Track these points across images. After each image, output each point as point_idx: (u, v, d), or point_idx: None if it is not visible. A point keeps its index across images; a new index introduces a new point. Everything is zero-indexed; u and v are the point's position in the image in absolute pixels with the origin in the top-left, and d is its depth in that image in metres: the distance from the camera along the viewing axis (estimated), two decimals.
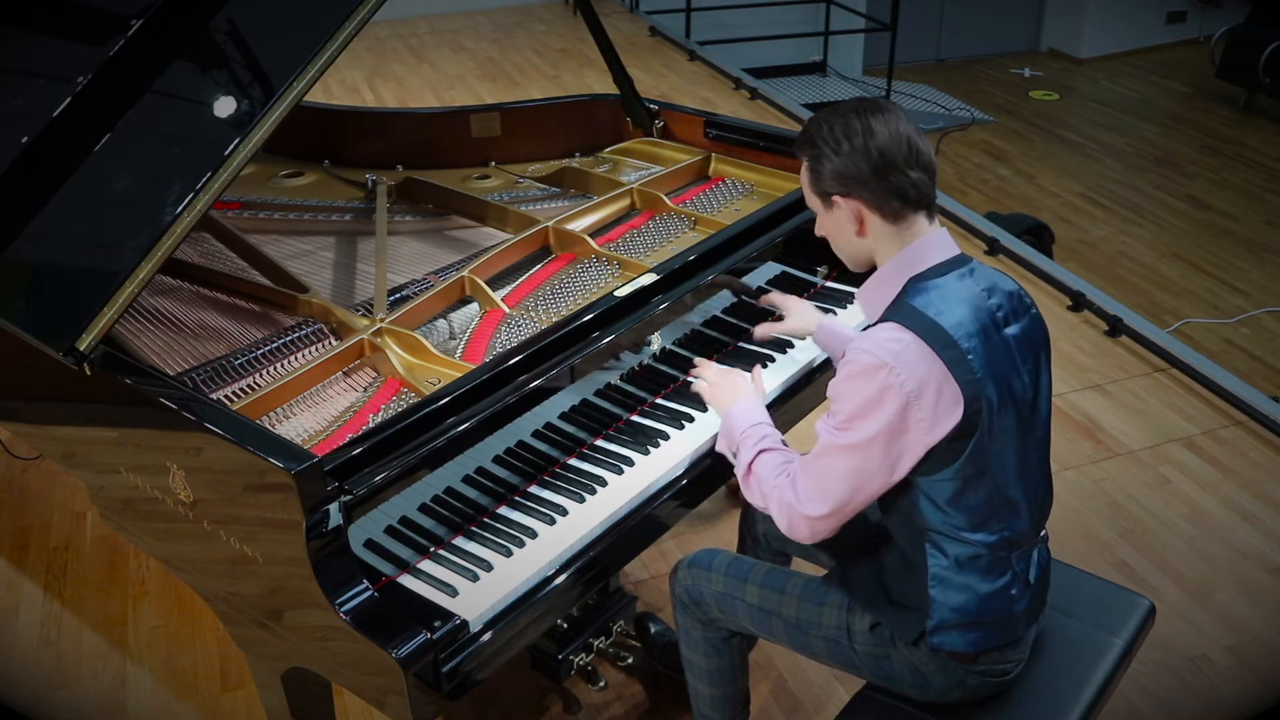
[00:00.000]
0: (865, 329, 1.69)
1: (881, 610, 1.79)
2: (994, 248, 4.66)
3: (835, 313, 2.43)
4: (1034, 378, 1.71)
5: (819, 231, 1.79)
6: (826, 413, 1.68)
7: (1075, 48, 9.55)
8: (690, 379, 2.10)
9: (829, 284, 2.54)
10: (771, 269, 2.38)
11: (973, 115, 8.20)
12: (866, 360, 1.59)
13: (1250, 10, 8.41)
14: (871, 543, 1.86)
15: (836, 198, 1.68)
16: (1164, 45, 9.74)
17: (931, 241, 1.68)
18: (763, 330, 2.25)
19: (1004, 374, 1.64)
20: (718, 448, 1.96)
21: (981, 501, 1.66)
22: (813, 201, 1.75)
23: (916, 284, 1.66)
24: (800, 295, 2.47)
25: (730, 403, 1.94)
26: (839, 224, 1.72)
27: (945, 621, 1.71)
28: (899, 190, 1.63)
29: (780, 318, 2.26)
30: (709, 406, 2.05)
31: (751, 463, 1.81)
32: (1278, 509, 3.14)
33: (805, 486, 1.69)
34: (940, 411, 1.59)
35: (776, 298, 2.26)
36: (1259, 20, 8.17)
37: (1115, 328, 4.04)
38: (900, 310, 1.64)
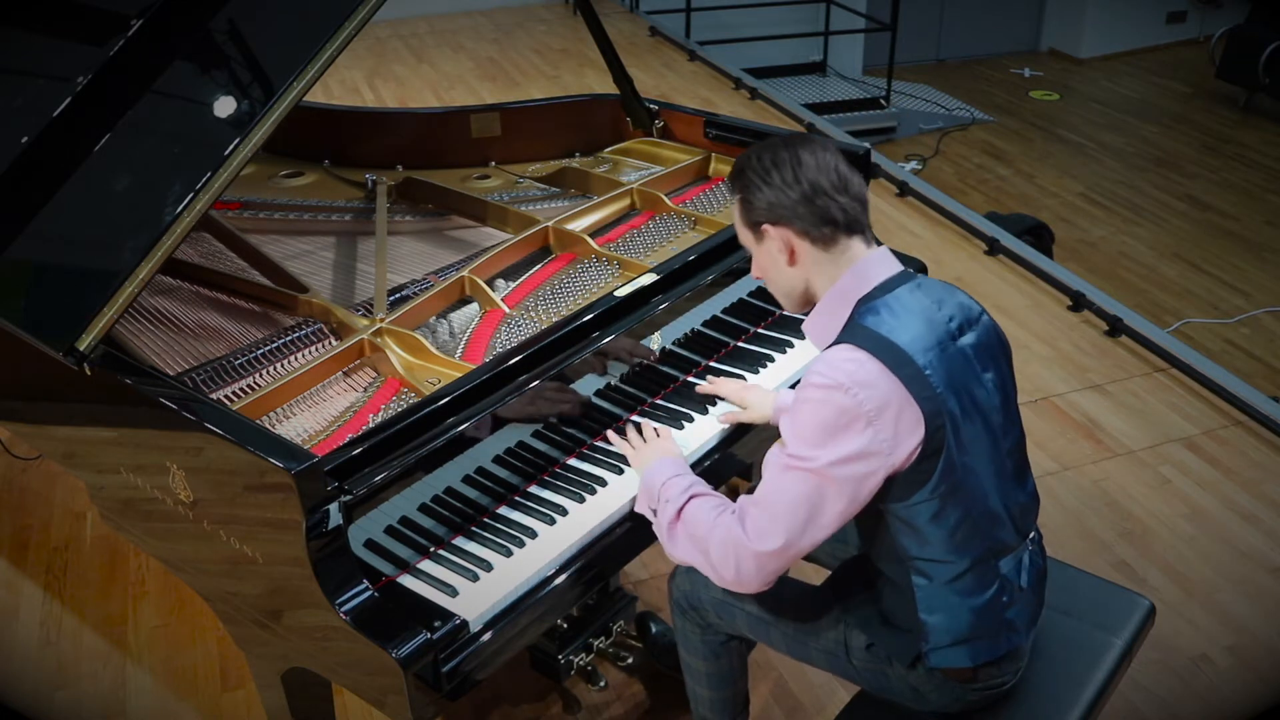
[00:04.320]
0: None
1: (877, 633, 1.78)
2: (994, 248, 4.66)
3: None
4: (998, 385, 1.68)
5: (755, 273, 1.76)
6: (777, 443, 1.64)
7: (1075, 48, 9.56)
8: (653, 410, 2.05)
9: None
10: None
11: (973, 115, 8.20)
12: (821, 383, 1.56)
13: (1250, 10, 8.42)
14: (865, 563, 1.84)
15: (766, 226, 1.66)
16: (1164, 45, 9.75)
17: (873, 261, 1.66)
18: (727, 418, 2.10)
19: (965, 385, 1.62)
20: (637, 508, 1.86)
21: (962, 518, 1.63)
22: (744, 236, 1.73)
23: (866, 303, 1.63)
24: None
25: (649, 460, 1.87)
26: (770, 256, 1.69)
27: (940, 643, 1.69)
28: (827, 215, 1.62)
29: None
30: (633, 465, 1.94)
31: (682, 508, 1.73)
32: (1278, 509, 3.14)
33: (755, 520, 1.60)
34: (901, 432, 1.55)
35: (724, 390, 2.12)
36: (1259, 20, 8.18)
37: (1115, 328, 4.04)
38: (854, 331, 1.61)
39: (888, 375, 1.55)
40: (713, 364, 2.26)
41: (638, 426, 2.04)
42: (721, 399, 2.14)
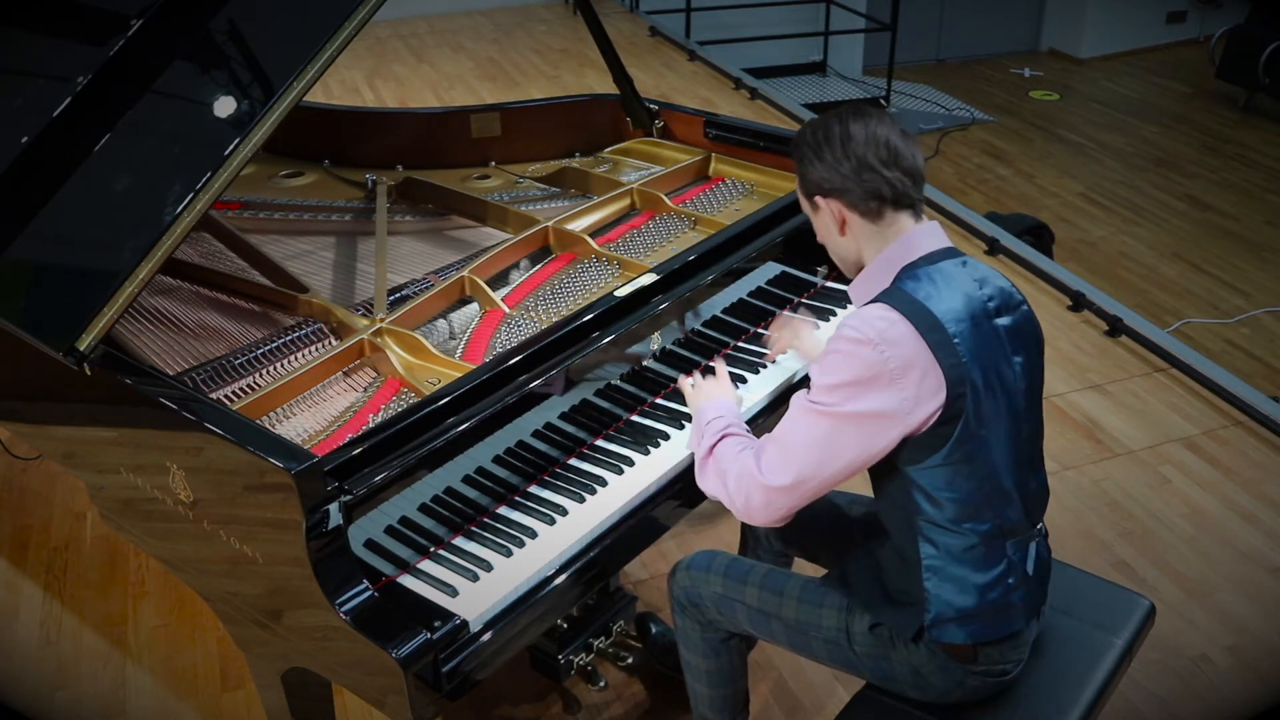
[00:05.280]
0: None
1: (880, 609, 1.80)
2: (994, 248, 4.66)
3: (835, 313, 2.43)
4: (1025, 370, 1.72)
5: (818, 237, 1.82)
6: (804, 388, 1.70)
7: (1075, 48, 9.56)
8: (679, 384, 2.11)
9: (828, 284, 2.54)
10: (771, 269, 2.38)
11: (973, 115, 8.20)
12: (852, 335, 1.61)
13: (1250, 10, 8.41)
14: (869, 542, 1.86)
15: (818, 198, 1.72)
16: (1164, 45, 9.74)
17: (922, 232, 1.71)
18: (777, 346, 2.24)
19: (993, 361, 1.65)
20: (687, 446, 1.97)
21: (974, 489, 1.66)
22: (803, 204, 1.79)
23: (910, 270, 1.68)
24: (801, 295, 2.48)
25: (701, 401, 1.95)
26: (825, 225, 1.76)
27: (943, 615, 1.71)
28: (874, 190, 1.66)
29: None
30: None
31: (714, 445, 1.81)
32: (1278, 509, 3.14)
33: (770, 456, 1.69)
34: (922, 394, 1.60)
35: (786, 332, 2.24)
36: (1259, 20, 8.18)
37: (1115, 328, 4.04)
38: (891, 293, 1.66)
39: (916, 337, 1.59)
40: (713, 364, 2.26)
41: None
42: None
